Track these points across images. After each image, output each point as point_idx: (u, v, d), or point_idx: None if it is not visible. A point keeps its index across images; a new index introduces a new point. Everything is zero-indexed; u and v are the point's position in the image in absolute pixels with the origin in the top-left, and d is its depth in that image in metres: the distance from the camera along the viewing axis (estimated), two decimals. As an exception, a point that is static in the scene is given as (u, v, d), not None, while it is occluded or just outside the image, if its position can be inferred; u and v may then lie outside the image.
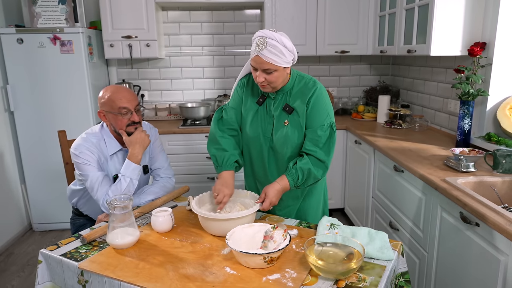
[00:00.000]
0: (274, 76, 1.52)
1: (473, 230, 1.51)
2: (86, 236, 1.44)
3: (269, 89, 1.58)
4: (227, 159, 1.64)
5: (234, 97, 1.75)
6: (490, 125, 2.29)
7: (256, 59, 1.50)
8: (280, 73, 1.52)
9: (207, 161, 3.20)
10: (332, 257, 1.27)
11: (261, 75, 1.52)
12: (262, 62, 1.48)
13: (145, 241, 1.46)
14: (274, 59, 1.47)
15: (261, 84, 1.54)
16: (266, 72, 1.51)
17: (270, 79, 1.52)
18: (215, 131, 1.71)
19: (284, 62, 1.50)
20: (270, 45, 1.46)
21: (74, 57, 2.96)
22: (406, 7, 2.62)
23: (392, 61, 3.66)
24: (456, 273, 1.66)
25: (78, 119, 3.06)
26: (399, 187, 2.17)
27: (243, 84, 1.73)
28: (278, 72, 1.51)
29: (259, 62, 1.50)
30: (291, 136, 1.60)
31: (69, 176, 2.18)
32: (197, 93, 3.67)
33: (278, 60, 1.48)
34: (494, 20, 2.17)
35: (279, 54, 1.47)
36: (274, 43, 1.46)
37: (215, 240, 1.45)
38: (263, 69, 1.51)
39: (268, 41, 1.46)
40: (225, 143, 1.68)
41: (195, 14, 3.51)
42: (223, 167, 1.64)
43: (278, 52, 1.47)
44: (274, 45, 1.46)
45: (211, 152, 1.70)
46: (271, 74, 1.51)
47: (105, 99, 1.77)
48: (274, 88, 1.57)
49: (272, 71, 1.50)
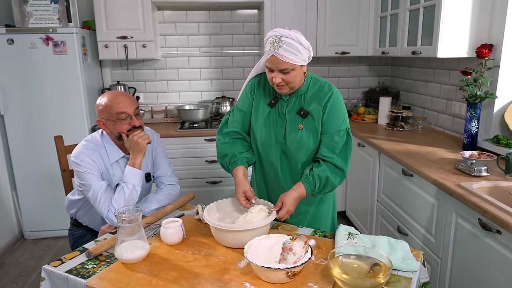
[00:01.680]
0: (291, 76, 1.45)
1: (494, 238, 1.47)
2: (92, 250, 1.36)
3: (287, 90, 1.51)
4: (228, 160, 1.62)
5: (243, 99, 1.68)
6: (497, 127, 2.27)
7: (272, 60, 1.43)
8: (298, 72, 1.46)
9: (206, 165, 3.12)
10: (357, 270, 1.21)
11: (278, 76, 1.45)
12: (279, 62, 1.42)
13: (155, 254, 1.38)
14: (291, 58, 1.41)
15: (279, 85, 1.48)
16: (283, 72, 1.45)
17: (288, 79, 1.46)
18: (217, 138, 1.70)
19: (301, 60, 1.44)
20: (286, 44, 1.40)
21: (68, 58, 2.85)
22: (410, 8, 2.58)
23: (391, 62, 3.63)
24: (473, 280, 1.62)
25: (72, 123, 2.95)
26: (409, 192, 2.13)
27: (253, 85, 1.66)
28: (295, 71, 1.45)
29: (275, 62, 1.43)
30: (306, 140, 1.54)
31: (67, 184, 2.08)
32: (194, 94, 3.59)
33: (295, 58, 1.42)
34: (502, 22, 2.15)
35: (296, 52, 1.41)
36: (290, 41, 1.40)
37: (229, 252, 1.38)
38: (279, 70, 1.44)
39: (284, 40, 1.40)
40: (223, 149, 1.64)
41: (191, 14, 3.43)
42: (231, 168, 1.62)
43: (294, 50, 1.41)
44: (290, 43, 1.40)
45: (219, 162, 1.69)
46: (289, 74, 1.45)
47: (102, 106, 1.68)
48: (292, 88, 1.51)
49: (289, 70, 1.44)
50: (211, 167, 3.13)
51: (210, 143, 3.08)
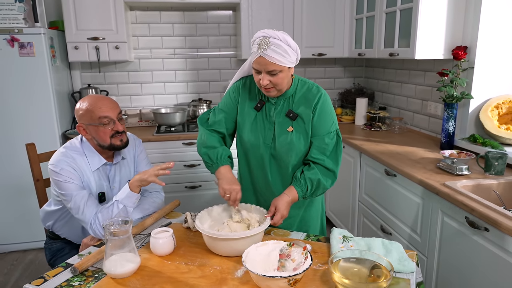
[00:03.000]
0: (279, 78, 1.43)
1: (482, 235, 1.51)
2: (78, 265, 1.27)
3: (274, 93, 1.48)
4: (221, 154, 1.56)
5: (226, 101, 1.64)
6: (472, 127, 2.35)
7: (260, 61, 1.40)
8: (285, 74, 1.44)
9: (184, 170, 3.04)
10: (357, 274, 1.20)
11: (266, 78, 1.42)
12: (267, 63, 1.39)
13: (146, 267, 1.31)
14: (279, 59, 1.38)
15: (266, 87, 1.45)
16: (270, 74, 1.42)
17: (276, 81, 1.43)
18: (202, 132, 1.63)
19: (288, 62, 1.41)
20: (274, 45, 1.37)
21: (35, 60, 2.68)
22: (386, 11, 2.63)
23: (365, 64, 3.70)
24: (460, 277, 1.65)
25: (42, 129, 2.78)
26: (392, 192, 2.16)
27: (238, 88, 1.62)
28: (283, 73, 1.43)
29: (263, 64, 1.40)
30: (296, 143, 1.52)
31: (41, 195, 1.96)
32: (169, 97, 3.49)
33: (282, 59, 1.39)
34: (476, 25, 2.22)
35: (284, 53, 1.39)
36: (278, 42, 1.37)
37: (224, 261, 1.34)
38: (267, 71, 1.41)
39: (271, 41, 1.37)
40: (213, 141, 1.59)
41: (165, 15, 3.34)
42: (219, 163, 1.54)
43: (282, 51, 1.38)
44: (278, 44, 1.37)
45: (202, 151, 1.59)
46: (276, 76, 1.42)
47: (83, 111, 1.59)
48: (280, 91, 1.48)
49: (277, 72, 1.41)
50: (190, 171, 3.06)
51: (189, 147, 3.01)
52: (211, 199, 3.14)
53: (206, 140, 1.59)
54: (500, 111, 2.25)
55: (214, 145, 1.58)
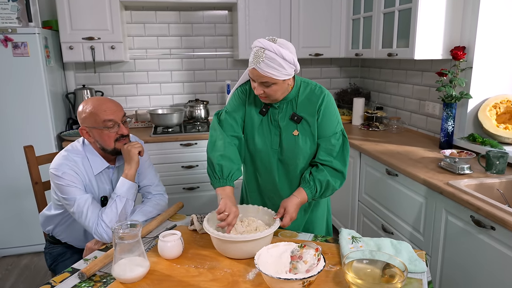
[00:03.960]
0: (272, 90, 1.42)
1: (488, 234, 1.52)
2: (85, 270, 1.24)
3: (268, 101, 1.49)
4: (233, 173, 1.47)
5: (234, 103, 1.60)
6: (470, 126, 2.38)
7: (253, 72, 1.39)
8: (280, 86, 1.42)
9: (182, 171, 3.01)
10: (370, 275, 1.20)
11: (259, 88, 1.42)
12: (259, 75, 1.38)
13: (155, 270, 1.29)
14: (272, 73, 1.36)
15: (260, 96, 1.45)
16: (264, 85, 1.41)
17: (269, 92, 1.42)
18: (219, 135, 1.51)
19: (283, 75, 1.39)
20: (268, 58, 1.34)
21: (30, 60, 2.63)
22: (384, 11, 2.64)
23: (361, 64, 3.71)
24: (466, 275, 1.67)
25: (36, 131, 2.72)
26: (394, 191, 2.17)
27: (245, 91, 1.60)
28: (277, 86, 1.41)
29: (256, 75, 1.39)
30: (303, 146, 1.51)
31: (40, 198, 1.92)
32: (165, 98, 3.46)
33: (276, 73, 1.36)
34: (474, 25, 2.25)
35: (278, 67, 1.36)
36: (272, 55, 1.34)
37: (234, 264, 1.32)
38: (260, 82, 1.40)
39: (266, 54, 1.34)
40: (231, 152, 1.49)
41: (161, 15, 3.30)
42: (228, 181, 1.46)
43: (276, 65, 1.35)
44: (272, 58, 1.34)
45: (216, 160, 1.46)
46: (270, 87, 1.41)
47: (86, 113, 1.56)
48: (274, 100, 1.48)
49: (270, 84, 1.40)
50: (188, 172, 3.03)
51: (186, 148, 2.98)
52: (209, 200, 3.11)
53: (225, 148, 1.48)
54: (498, 111, 2.28)
55: (231, 157, 1.47)
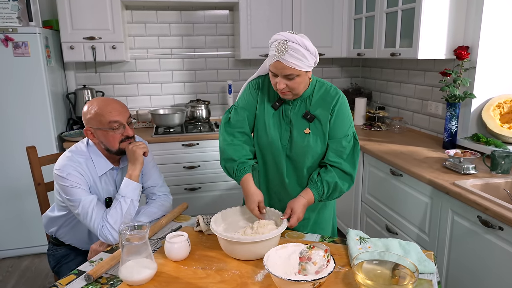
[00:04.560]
0: (296, 82, 1.41)
1: (495, 234, 1.52)
2: (92, 273, 1.23)
3: (290, 96, 1.47)
4: (235, 168, 1.51)
5: (245, 98, 1.60)
6: (473, 126, 2.37)
7: (277, 65, 1.38)
8: (302, 78, 1.42)
9: (184, 171, 3.00)
10: (381, 276, 1.19)
11: (282, 82, 1.41)
12: (284, 67, 1.37)
13: (163, 272, 1.28)
14: (296, 64, 1.36)
15: (282, 91, 1.43)
16: (287, 78, 1.40)
17: (292, 85, 1.41)
18: (223, 139, 1.56)
19: (306, 66, 1.39)
20: (292, 49, 1.35)
21: (31, 60, 2.60)
22: (387, 11, 2.63)
23: (362, 64, 3.71)
24: (473, 275, 1.66)
25: (37, 131, 2.70)
26: (399, 191, 2.17)
27: (257, 85, 1.59)
28: (300, 77, 1.41)
29: (280, 68, 1.38)
30: (313, 145, 1.50)
31: (42, 199, 1.90)
32: (166, 98, 3.44)
33: (300, 64, 1.37)
34: (477, 25, 2.24)
35: (302, 58, 1.37)
36: (296, 46, 1.36)
37: (241, 265, 1.31)
38: (284, 75, 1.39)
39: (290, 45, 1.35)
40: (232, 151, 1.52)
41: (162, 14, 3.29)
42: (238, 177, 1.51)
43: (300, 56, 1.36)
44: (296, 49, 1.35)
45: (222, 164, 1.57)
46: (293, 80, 1.40)
47: (91, 114, 1.54)
48: (296, 94, 1.47)
49: (294, 76, 1.39)
50: (189, 173, 3.02)
51: (188, 148, 2.97)
52: (211, 201, 3.10)
53: (224, 151, 1.54)
54: (502, 110, 2.27)
55: (231, 156, 1.52)
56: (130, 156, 1.56)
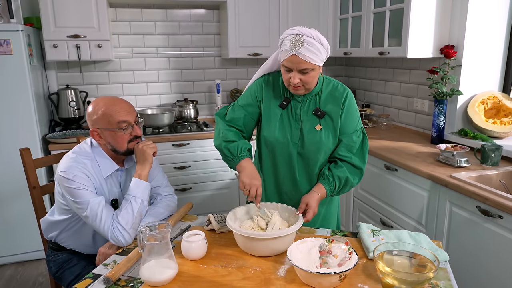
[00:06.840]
0: (310, 76, 1.43)
1: (495, 222, 1.60)
2: (111, 275, 1.19)
3: (303, 91, 1.48)
4: (241, 147, 1.52)
5: (247, 97, 1.61)
6: (459, 121, 2.48)
7: (293, 59, 1.39)
8: (316, 72, 1.45)
9: (174, 172, 2.96)
10: (401, 266, 1.22)
11: (297, 76, 1.42)
12: (300, 61, 1.39)
13: (183, 272, 1.26)
14: (312, 58, 1.39)
15: (296, 86, 1.44)
16: (302, 72, 1.42)
17: (306, 80, 1.43)
18: (221, 126, 1.59)
19: (320, 60, 1.42)
20: (308, 43, 1.37)
21: (13, 59, 2.49)
22: (374, 11, 2.71)
23: (345, 63, 3.79)
24: (473, 264, 1.74)
25: (20, 133, 2.58)
26: (393, 186, 2.23)
27: (261, 86, 1.60)
28: (314, 72, 1.43)
29: (295, 62, 1.40)
30: (325, 141, 1.53)
31: (38, 204, 1.82)
32: (152, 98, 3.38)
33: (315, 58, 1.40)
34: (462, 24, 2.35)
35: (316, 51, 1.39)
36: (311, 40, 1.38)
37: (261, 262, 1.31)
38: (299, 69, 1.41)
39: (305, 39, 1.37)
40: (231, 135, 1.55)
41: (147, 13, 3.23)
42: (240, 156, 1.51)
43: (315, 49, 1.39)
44: (311, 43, 1.38)
45: (221, 145, 1.54)
46: (307, 74, 1.42)
47: (98, 115, 1.50)
48: (308, 89, 1.48)
49: (309, 70, 1.41)
50: (180, 173, 2.98)
51: (178, 149, 2.93)
52: (202, 201, 3.07)
53: (225, 135, 1.55)
54: (485, 106, 2.39)
55: (233, 139, 1.55)
56: (139, 155, 1.53)
